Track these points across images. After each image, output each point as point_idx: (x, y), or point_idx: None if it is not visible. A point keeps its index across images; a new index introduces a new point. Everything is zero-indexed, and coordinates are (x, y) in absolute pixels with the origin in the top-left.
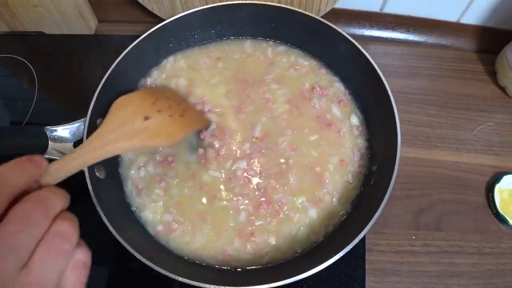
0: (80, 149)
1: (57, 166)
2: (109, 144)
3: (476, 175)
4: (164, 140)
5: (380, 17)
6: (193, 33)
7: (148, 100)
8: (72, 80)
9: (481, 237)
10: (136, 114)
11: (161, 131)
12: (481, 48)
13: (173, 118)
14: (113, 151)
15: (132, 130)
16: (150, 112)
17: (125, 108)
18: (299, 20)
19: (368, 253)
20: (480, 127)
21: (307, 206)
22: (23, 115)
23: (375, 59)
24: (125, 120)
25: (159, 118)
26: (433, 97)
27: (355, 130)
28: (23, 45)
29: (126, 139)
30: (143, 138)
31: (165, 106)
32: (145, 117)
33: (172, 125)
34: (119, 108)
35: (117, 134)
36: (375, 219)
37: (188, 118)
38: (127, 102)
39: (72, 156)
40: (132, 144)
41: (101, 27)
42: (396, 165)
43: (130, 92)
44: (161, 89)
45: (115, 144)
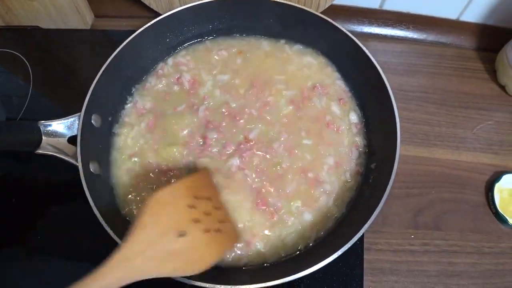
0: (103, 273)
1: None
2: (136, 271)
3: (476, 174)
4: (196, 268)
5: (379, 14)
6: (191, 28)
7: (186, 200)
8: (68, 75)
9: (481, 236)
10: (170, 226)
11: (194, 256)
12: (481, 46)
13: (210, 235)
14: (140, 278)
15: (163, 252)
16: (186, 223)
17: (159, 216)
18: (298, 15)
19: (366, 252)
20: (479, 125)
21: (303, 210)
22: (17, 110)
23: (374, 56)
24: (157, 236)
25: (195, 234)
26: (432, 95)
27: (354, 127)
28: (18, 40)
29: (156, 266)
30: (174, 266)
31: (203, 212)
32: (180, 233)
33: (207, 247)
34: (152, 215)
35: (147, 258)
36: (374, 217)
37: (224, 233)
38: (162, 204)
39: (94, 282)
40: (161, 273)
41: (97, 22)
42: (395, 163)
43: (166, 187)
44: (199, 178)
45: (142, 272)
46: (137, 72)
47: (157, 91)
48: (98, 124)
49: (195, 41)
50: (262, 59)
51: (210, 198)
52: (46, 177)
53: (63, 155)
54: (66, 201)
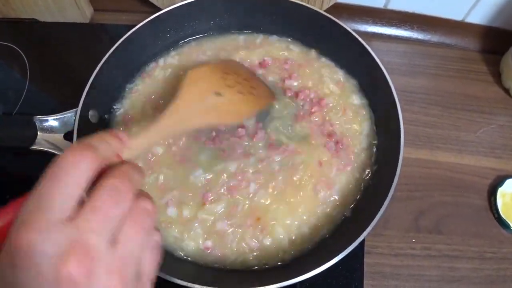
0: (156, 124)
1: (136, 142)
2: (185, 120)
3: (478, 178)
4: (235, 118)
5: (384, 13)
6: (191, 24)
7: (218, 74)
8: (65, 70)
9: (482, 241)
10: (208, 89)
11: (232, 109)
12: (485, 48)
13: (243, 95)
14: (188, 127)
15: (206, 106)
16: (221, 87)
17: (197, 83)
18: (302, 13)
19: (367, 256)
20: (483, 129)
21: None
22: (13, 104)
23: (378, 56)
24: (198, 95)
25: (230, 94)
26: (435, 96)
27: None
28: (16, 32)
29: (201, 116)
30: (216, 116)
31: (234, 81)
32: (217, 93)
33: (243, 103)
34: (191, 82)
35: (192, 110)
36: (376, 222)
37: (256, 95)
38: (198, 76)
39: (149, 132)
40: (206, 121)
41: (96, 16)
42: (398, 166)
43: (200, 65)
44: (228, 63)
45: (190, 120)
46: (137, 66)
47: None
48: (95, 120)
49: (196, 37)
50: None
51: (238, 73)
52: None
53: (58, 151)
54: None
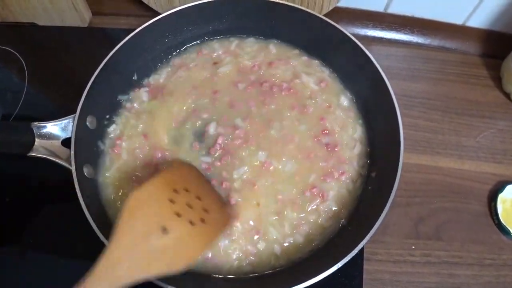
0: (90, 282)
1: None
2: (123, 277)
3: (478, 184)
4: (185, 262)
5: (384, 17)
6: (190, 28)
7: (166, 194)
8: (64, 74)
9: (482, 247)
10: (152, 224)
11: (181, 251)
12: (486, 52)
13: (195, 227)
14: (128, 284)
15: (149, 252)
16: (168, 218)
17: (139, 214)
18: (301, 18)
19: (366, 262)
20: (483, 134)
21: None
22: (11, 109)
23: (377, 60)
24: (140, 235)
25: (179, 228)
26: (435, 101)
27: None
28: (14, 36)
29: (142, 269)
30: (162, 265)
31: (184, 204)
32: (163, 229)
33: (194, 238)
34: (132, 214)
35: (131, 261)
36: (375, 229)
37: (210, 222)
38: (141, 202)
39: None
40: (149, 276)
41: (95, 20)
42: (398, 172)
43: (143, 184)
44: (179, 171)
45: (128, 277)
46: (134, 72)
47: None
48: (93, 127)
49: (195, 43)
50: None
51: (189, 189)
52: (41, 175)
53: (56, 158)
54: (61, 200)
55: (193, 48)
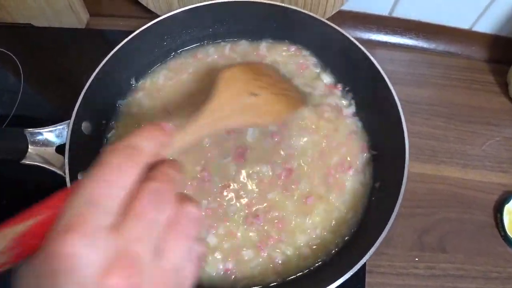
0: (193, 123)
1: (177, 139)
2: (222, 119)
3: (484, 194)
4: (272, 118)
5: (388, 21)
6: (189, 31)
7: (250, 75)
8: (60, 77)
9: (487, 260)
10: (243, 89)
11: (270, 109)
12: (492, 58)
13: (277, 97)
14: (226, 126)
15: (242, 105)
16: (255, 88)
17: (232, 83)
18: (304, 21)
19: (368, 275)
20: (488, 142)
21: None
22: (6, 112)
23: (381, 65)
24: (234, 95)
25: (265, 95)
26: (440, 108)
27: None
28: (10, 38)
29: (238, 115)
30: (254, 115)
31: (267, 83)
32: (252, 93)
33: (278, 103)
34: (226, 82)
35: (229, 109)
36: (379, 243)
37: (289, 97)
38: (233, 76)
39: (188, 130)
40: (244, 120)
41: (92, 21)
42: (403, 183)
43: (231, 66)
44: (259, 65)
45: (227, 119)
46: (132, 75)
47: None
48: (89, 132)
49: (194, 46)
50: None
51: (267, 74)
52: (37, 179)
53: (50, 166)
54: None
55: (191, 51)
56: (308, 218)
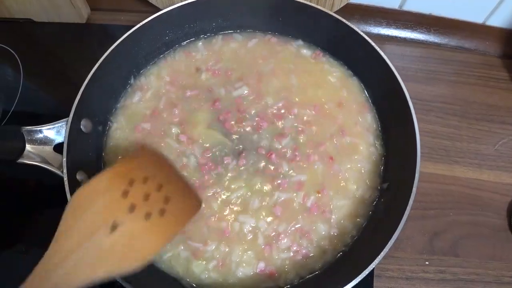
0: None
1: None
2: (63, 282)
3: (498, 195)
4: (140, 259)
5: (399, 15)
6: (192, 25)
7: (118, 188)
8: (61, 72)
9: (501, 264)
10: (99, 222)
11: (135, 247)
12: (507, 53)
13: (150, 222)
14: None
15: (95, 251)
16: (119, 213)
17: (83, 213)
18: (311, 15)
19: (376, 279)
20: (502, 141)
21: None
22: (6, 107)
23: (391, 61)
24: (84, 235)
25: (131, 223)
26: (453, 105)
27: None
28: (10, 33)
29: (87, 271)
30: (109, 266)
31: (141, 196)
32: (113, 225)
33: (150, 232)
34: (75, 214)
35: (75, 262)
36: (388, 248)
37: (170, 215)
38: (87, 199)
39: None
40: (94, 277)
41: (93, 16)
42: (414, 184)
43: (90, 180)
44: (135, 157)
45: (68, 283)
46: (133, 70)
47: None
48: (87, 131)
49: (195, 39)
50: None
51: (148, 178)
52: (37, 177)
53: (47, 165)
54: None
55: (193, 44)
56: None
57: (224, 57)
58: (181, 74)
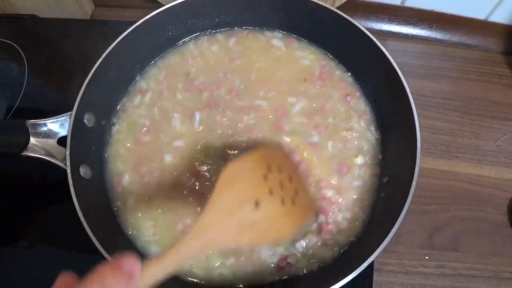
0: (179, 248)
1: (152, 270)
2: (214, 242)
3: (499, 191)
4: (274, 239)
5: (400, 11)
6: (195, 21)
7: (260, 171)
8: (65, 67)
9: (501, 260)
10: (246, 196)
11: (272, 227)
12: (510, 49)
13: (285, 207)
14: (217, 248)
15: (241, 222)
16: (261, 193)
17: (234, 186)
18: (312, 11)
19: (376, 273)
20: (504, 137)
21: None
22: (11, 103)
23: (393, 57)
24: (234, 205)
25: (271, 205)
26: (454, 101)
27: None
28: (14, 29)
29: (233, 237)
30: (252, 237)
31: (277, 183)
32: (256, 203)
33: (284, 218)
34: (227, 185)
35: (224, 228)
36: (388, 241)
37: (299, 205)
38: (237, 174)
39: (169, 258)
40: (239, 243)
41: (97, 12)
42: (414, 178)
43: (239, 157)
44: (273, 151)
45: (220, 242)
46: (136, 65)
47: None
48: (91, 124)
49: (197, 34)
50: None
51: (282, 169)
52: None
53: (51, 158)
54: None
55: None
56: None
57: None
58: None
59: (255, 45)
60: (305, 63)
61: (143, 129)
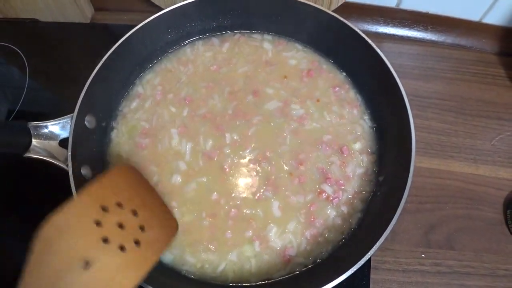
0: None
1: None
2: None
3: (493, 190)
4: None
5: (396, 13)
6: (193, 24)
7: (89, 218)
8: (65, 71)
9: (496, 257)
10: (71, 258)
11: (109, 285)
12: (504, 50)
13: (126, 254)
14: None
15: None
16: (91, 247)
17: (55, 247)
18: (309, 13)
19: (373, 271)
20: (499, 136)
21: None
22: (12, 106)
23: (388, 58)
24: (55, 274)
25: (105, 259)
26: (449, 102)
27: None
28: (15, 33)
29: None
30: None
31: (115, 225)
32: (85, 262)
33: (125, 268)
34: (45, 249)
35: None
36: (383, 239)
37: (147, 242)
38: (59, 230)
39: None
40: None
41: (97, 16)
42: (409, 177)
43: (62, 206)
44: (113, 178)
45: None
46: (135, 68)
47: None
48: (92, 126)
49: (196, 38)
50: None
51: (123, 203)
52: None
53: (53, 159)
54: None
55: (193, 43)
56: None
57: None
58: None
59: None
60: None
61: (142, 132)
